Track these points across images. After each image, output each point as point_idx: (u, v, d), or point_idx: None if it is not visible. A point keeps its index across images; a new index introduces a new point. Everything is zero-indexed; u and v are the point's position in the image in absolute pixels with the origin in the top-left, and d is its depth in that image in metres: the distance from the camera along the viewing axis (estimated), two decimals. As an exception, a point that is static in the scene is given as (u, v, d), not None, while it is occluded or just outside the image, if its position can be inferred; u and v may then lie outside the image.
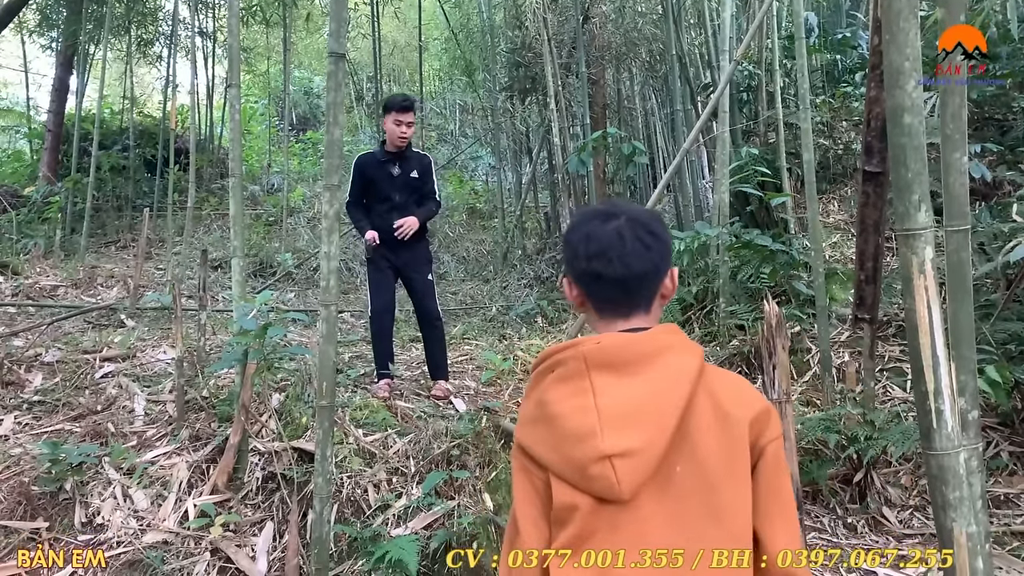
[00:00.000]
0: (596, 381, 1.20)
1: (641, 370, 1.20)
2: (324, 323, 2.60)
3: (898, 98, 1.64)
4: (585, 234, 1.30)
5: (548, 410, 1.22)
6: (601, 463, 1.14)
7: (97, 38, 11.63)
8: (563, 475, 1.19)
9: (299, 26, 13.61)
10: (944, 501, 1.69)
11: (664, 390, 1.18)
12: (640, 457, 1.14)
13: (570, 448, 1.18)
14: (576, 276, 1.32)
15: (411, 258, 4.57)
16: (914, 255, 1.65)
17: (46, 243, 9.41)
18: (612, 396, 1.18)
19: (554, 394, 1.23)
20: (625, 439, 1.14)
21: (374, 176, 4.49)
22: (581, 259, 1.29)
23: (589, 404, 1.18)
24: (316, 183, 12.93)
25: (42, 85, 15.87)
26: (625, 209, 1.32)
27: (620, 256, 1.26)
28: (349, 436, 3.60)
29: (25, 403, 4.16)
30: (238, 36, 4.26)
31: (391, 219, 4.41)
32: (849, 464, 3.69)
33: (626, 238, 1.26)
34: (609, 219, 1.29)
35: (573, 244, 1.31)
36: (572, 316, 7.09)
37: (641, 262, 1.27)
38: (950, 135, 1.68)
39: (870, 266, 3.65)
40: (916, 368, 1.69)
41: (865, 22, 8.99)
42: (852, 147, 7.56)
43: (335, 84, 2.65)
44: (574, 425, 1.18)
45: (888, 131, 1.68)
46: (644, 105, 11.27)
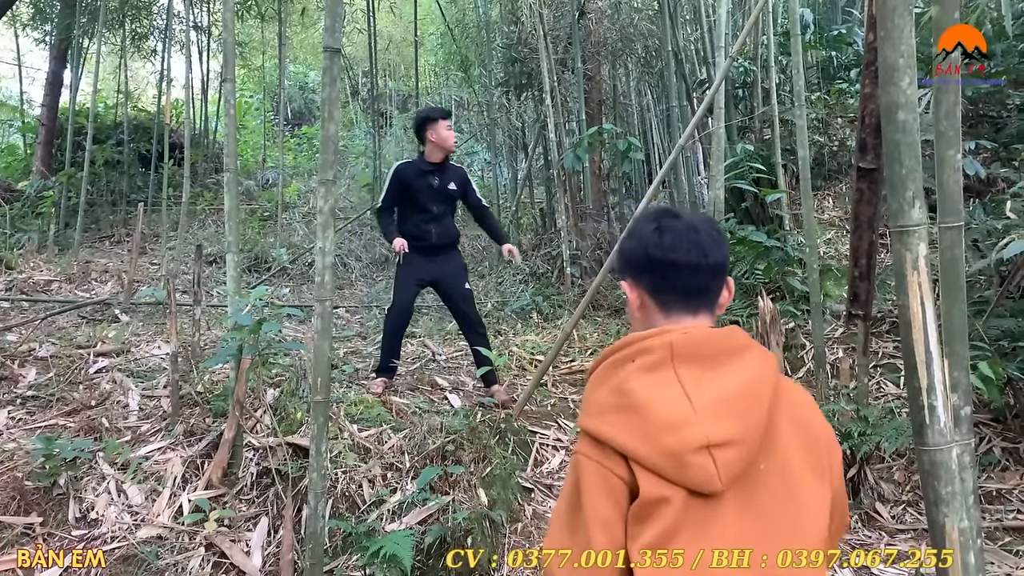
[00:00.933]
0: (682, 372, 1.19)
1: (727, 364, 1.20)
2: (319, 319, 2.59)
3: (893, 95, 1.64)
4: (657, 228, 1.32)
5: (633, 398, 1.17)
6: (701, 452, 1.11)
7: (91, 32, 11.55)
8: (655, 466, 1.13)
9: (294, 20, 13.56)
10: (936, 496, 1.69)
11: (752, 386, 1.18)
12: (739, 448, 1.13)
13: (664, 437, 1.13)
14: (649, 268, 1.32)
15: (449, 268, 4.62)
16: (908, 251, 1.66)
17: (40, 238, 9.37)
18: (703, 387, 1.17)
19: (638, 383, 1.19)
20: (724, 429, 1.12)
21: (414, 186, 4.53)
22: (655, 250, 1.30)
23: (679, 393, 1.16)
24: (311, 178, 12.88)
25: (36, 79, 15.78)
26: (685, 212, 1.38)
27: (697, 244, 1.29)
28: (344, 431, 3.60)
29: (19, 398, 4.15)
30: (233, 30, 4.25)
31: (428, 229, 4.49)
32: (843, 460, 3.71)
33: (700, 230, 1.31)
34: (678, 216, 1.34)
35: (643, 239, 1.33)
36: (567, 312, 7.09)
37: (717, 252, 1.30)
38: (944, 131, 1.69)
39: (864, 262, 3.67)
40: (909, 364, 1.70)
41: (861, 19, 9.01)
42: (847, 144, 7.57)
43: (330, 79, 2.64)
44: (667, 413, 1.14)
45: (883, 127, 1.68)
46: (640, 101, 11.26)
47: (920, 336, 1.66)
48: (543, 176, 9.90)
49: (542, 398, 4.91)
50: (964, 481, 1.69)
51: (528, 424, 4.33)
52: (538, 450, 4.15)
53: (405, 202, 4.56)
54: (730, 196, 6.27)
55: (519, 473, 3.77)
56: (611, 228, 8.34)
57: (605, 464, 1.17)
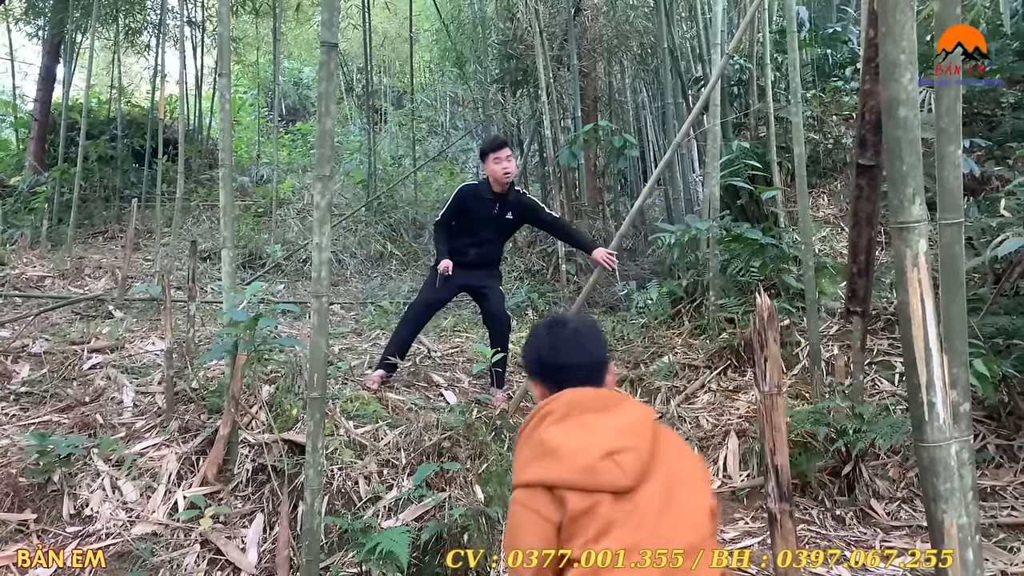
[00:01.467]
0: (582, 418, 1.56)
1: (615, 409, 1.59)
2: (316, 315, 2.58)
3: (894, 91, 1.64)
4: (548, 335, 1.73)
5: (548, 445, 1.53)
6: (606, 459, 1.47)
7: (84, 26, 11.48)
8: (577, 483, 1.47)
9: (289, 16, 13.50)
10: (935, 493, 1.70)
11: (637, 420, 1.57)
12: (635, 452, 1.50)
13: (577, 459, 1.48)
14: (543, 371, 1.71)
15: (487, 275, 4.81)
16: (908, 248, 1.66)
17: (33, 233, 9.32)
18: (599, 423, 1.54)
19: (549, 433, 1.56)
20: (619, 442, 1.50)
21: (473, 209, 4.64)
22: (547, 355, 1.70)
23: (582, 430, 1.54)
24: (305, 174, 12.84)
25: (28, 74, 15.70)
26: (570, 318, 1.82)
27: (581, 346, 1.69)
28: (340, 428, 3.59)
29: (12, 394, 4.13)
30: (228, 26, 4.23)
31: (468, 250, 4.64)
32: (838, 457, 3.71)
33: (583, 334, 1.72)
34: (565, 324, 1.75)
35: (536, 347, 1.74)
36: (563, 309, 7.09)
37: (598, 351, 1.71)
38: (945, 128, 1.69)
39: (863, 259, 3.66)
40: (909, 360, 1.70)
41: (856, 16, 9.01)
42: (842, 141, 7.57)
43: (327, 74, 2.62)
44: (576, 443, 1.51)
45: (883, 124, 1.68)
46: (635, 98, 11.27)
47: (920, 332, 1.66)
48: (538, 173, 9.90)
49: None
50: (963, 477, 1.70)
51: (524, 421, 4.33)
52: (534, 447, 4.14)
53: (460, 221, 4.69)
54: (725, 193, 6.26)
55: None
56: (607, 225, 8.34)
57: (538, 509, 1.50)
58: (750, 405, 4.48)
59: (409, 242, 10.17)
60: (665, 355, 5.33)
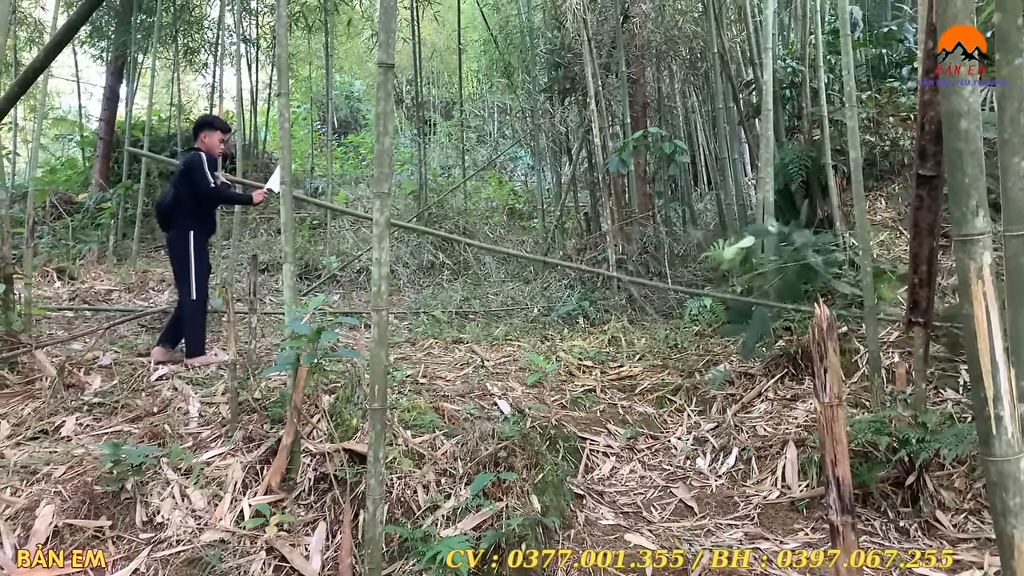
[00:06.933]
0: None
1: None
2: (376, 328, 2.64)
3: (955, 103, 1.62)
4: None
5: None
6: None
7: (145, 47, 11.92)
8: None
9: (340, 31, 13.77)
10: (1004, 508, 1.67)
11: None
12: None
13: None
14: None
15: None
16: (972, 260, 1.64)
17: (99, 248, 9.69)
18: None
19: None
20: None
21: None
22: None
23: None
24: (358, 186, 13.07)
25: (93, 94, 16.35)
26: None
27: None
28: (398, 438, 3.66)
29: (85, 405, 4.30)
30: (286, 45, 4.35)
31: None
32: (900, 467, 3.63)
33: None
34: None
35: None
36: (614, 317, 7.08)
37: None
38: (1008, 139, 1.66)
39: (924, 269, 3.59)
40: (975, 374, 1.68)
41: (911, 14, 8.82)
42: (899, 143, 7.41)
43: (384, 94, 2.69)
44: None
45: (944, 136, 1.67)
46: (685, 103, 11.19)
47: (985, 346, 1.64)
48: (587, 180, 9.90)
49: (591, 404, 4.91)
50: (1033, 492, 1.66)
51: (577, 430, 4.34)
52: (588, 456, 4.16)
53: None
54: (779, 198, 6.19)
55: (570, 479, 3.78)
56: (657, 231, 8.30)
57: None
58: (808, 414, 4.41)
59: (460, 251, 10.27)
60: (720, 363, 5.29)
